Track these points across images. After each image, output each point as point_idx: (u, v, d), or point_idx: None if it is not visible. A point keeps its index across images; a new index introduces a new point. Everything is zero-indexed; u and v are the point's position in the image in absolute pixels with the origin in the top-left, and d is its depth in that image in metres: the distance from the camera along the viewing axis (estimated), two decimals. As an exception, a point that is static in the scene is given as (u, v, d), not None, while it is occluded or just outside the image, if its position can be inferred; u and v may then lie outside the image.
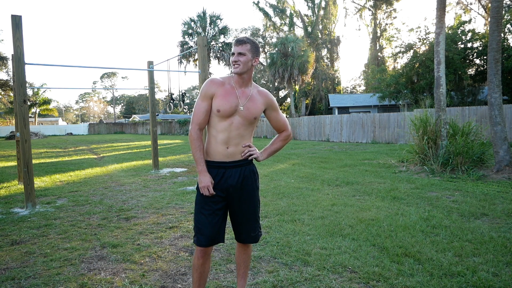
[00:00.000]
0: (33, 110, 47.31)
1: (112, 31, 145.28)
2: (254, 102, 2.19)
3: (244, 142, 2.19)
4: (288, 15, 37.71)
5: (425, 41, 20.22)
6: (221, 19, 33.22)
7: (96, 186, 7.19)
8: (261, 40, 39.58)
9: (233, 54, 2.14)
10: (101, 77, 78.75)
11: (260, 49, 2.25)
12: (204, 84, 2.17)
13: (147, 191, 6.58)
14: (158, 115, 25.01)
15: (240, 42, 2.13)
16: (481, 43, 18.48)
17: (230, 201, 2.21)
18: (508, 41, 17.86)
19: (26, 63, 5.34)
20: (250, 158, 2.23)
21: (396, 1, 35.39)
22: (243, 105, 2.15)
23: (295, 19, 37.80)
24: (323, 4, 36.79)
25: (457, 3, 27.61)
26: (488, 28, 8.07)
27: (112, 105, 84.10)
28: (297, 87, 32.99)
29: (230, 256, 3.29)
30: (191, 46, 31.97)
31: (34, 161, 11.91)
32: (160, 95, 68.01)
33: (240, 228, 2.29)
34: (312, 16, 37.43)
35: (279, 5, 37.81)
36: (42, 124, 56.68)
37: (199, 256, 2.17)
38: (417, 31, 20.89)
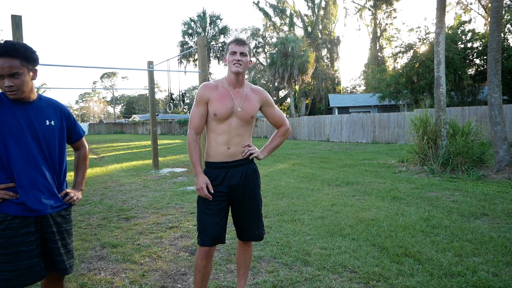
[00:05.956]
0: (33, 110, 47.26)
1: (112, 31, 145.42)
2: (249, 101, 2.21)
3: (244, 141, 2.21)
4: (288, 15, 37.70)
5: (425, 41, 20.21)
6: (221, 19, 33.30)
7: (96, 186, 7.18)
8: (261, 40, 39.55)
9: (234, 53, 2.12)
10: (101, 77, 78.73)
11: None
12: (198, 90, 2.19)
13: (147, 191, 6.58)
14: (158, 115, 24.99)
15: (242, 42, 2.14)
16: (481, 43, 18.47)
17: (233, 200, 2.23)
18: (508, 41, 17.85)
19: (26, 63, 5.33)
20: (250, 157, 2.25)
21: (396, 1, 35.39)
22: (239, 106, 2.16)
23: (295, 19, 37.81)
24: (323, 4, 36.79)
25: (457, 3, 27.61)
26: (488, 28, 8.06)
27: (112, 105, 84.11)
28: (297, 87, 32.99)
29: (230, 256, 3.29)
30: (191, 46, 32.00)
31: (34, 161, 11.89)
32: (160, 95, 67.96)
33: (244, 227, 2.30)
34: (312, 16, 37.42)
35: (279, 5, 37.79)
36: (42, 124, 56.56)
37: (203, 257, 2.17)
38: (417, 31, 20.89)
